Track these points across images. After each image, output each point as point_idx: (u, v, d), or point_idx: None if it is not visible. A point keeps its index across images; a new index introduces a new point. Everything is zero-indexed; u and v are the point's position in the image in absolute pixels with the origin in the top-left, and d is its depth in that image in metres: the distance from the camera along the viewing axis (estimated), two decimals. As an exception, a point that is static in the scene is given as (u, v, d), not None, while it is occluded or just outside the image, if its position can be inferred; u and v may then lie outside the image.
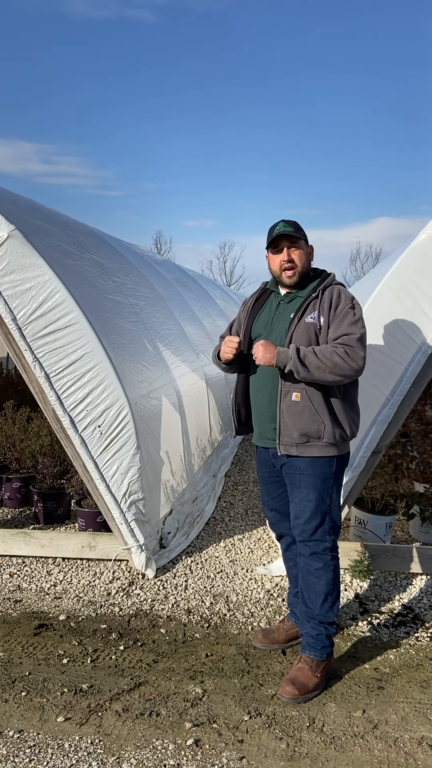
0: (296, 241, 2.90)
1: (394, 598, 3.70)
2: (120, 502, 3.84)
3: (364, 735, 2.60)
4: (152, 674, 3.00)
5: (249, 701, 2.80)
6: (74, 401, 3.79)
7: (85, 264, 4.52)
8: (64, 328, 3.76)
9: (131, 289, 5.27)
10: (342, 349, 2.72)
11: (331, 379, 2.74)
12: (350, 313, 2.82)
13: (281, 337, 2.88)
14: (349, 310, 2.83)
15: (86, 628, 3.42)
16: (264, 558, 4.23)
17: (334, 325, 2.81)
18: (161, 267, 7.74)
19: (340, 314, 2.82)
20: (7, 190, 4.76)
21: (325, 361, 2.69)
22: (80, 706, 2.76)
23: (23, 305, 3.73)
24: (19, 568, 4.08)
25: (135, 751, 2.49)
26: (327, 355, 2.70)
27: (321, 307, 2.84)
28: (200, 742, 2.54)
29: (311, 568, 2.93)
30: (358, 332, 2.78)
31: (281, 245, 2.91)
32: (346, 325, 2.79)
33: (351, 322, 2.80)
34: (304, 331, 2.82)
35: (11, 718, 2.69)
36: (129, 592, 3.77)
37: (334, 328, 2.80)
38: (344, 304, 2.84)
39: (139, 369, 4.34)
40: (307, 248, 2.97)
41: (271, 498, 3.19)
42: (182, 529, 4.50)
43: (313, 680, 2.84)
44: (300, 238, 2.90)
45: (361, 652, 3.19)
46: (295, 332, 2.82)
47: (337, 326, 2.80)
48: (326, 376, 2.71)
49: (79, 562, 4.13)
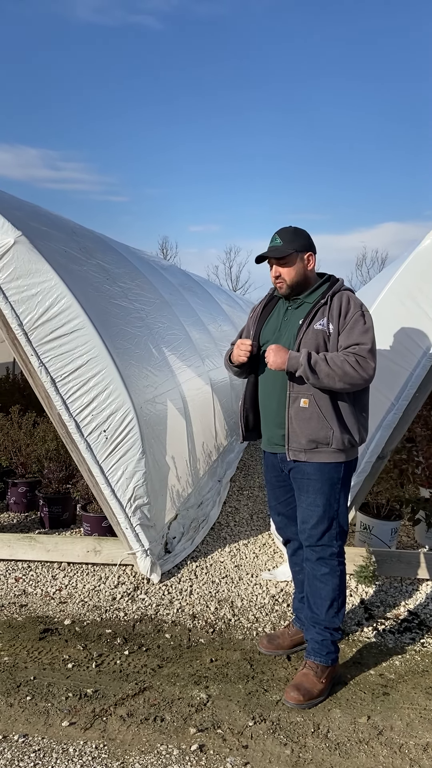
0: (283, 257, 2.89)
1: (400, 604, 3.68)
2: (125, 506, 3.85)
3: (369, 741, 2.59)
4: (157, 679, 3.00)
5: (253, 707, 2.79)
6: (80, 406, 3.81)
7: (90, 269, 4.54)
8: (69, 333, 3.77)
9: (137, 294, 5.28)
10: (353, 359, 2.72)
11: (340, 387, 2.74)
12: (360, 321, 2.82)
13: (289, 343, 2.88)
14: (360, 317, 2.82)
15: (91, 632, 3.43)
16: (269, 563, 4.22)
17: (344, 333, 2.81)
18: (167, 272, 7.76)
19: (350, 321, 2.81)
20: (13, 195, 4.79)
21: (336, 369, 2.70)
22: (85, 711, 2.76)
23: (29, 310, 3.75)
24: (25, 573, 4.09)
25: (139, 756, 2.49)
26: (338, 363, 2.70)
27: (330, 314, 2.84)
28: (204, 747, 2.54)
29: (317, 573, 2.92)
30: (369, 342, 2.78)
31: (270, 260, 2.93)
32: (357, 334, 2.79)
33: (362, 331, 2.80)
34: (313, 338, 2.82)
35: (16, 722, 2.70)
36: (134, 597, 3.77)
37: (344, 336, 2.80)
38: (354, 311, 2.83)
39: (144, 374, 4.36)
40: (303, 258, 2.92)
41: (278, 502, 3.18)
42: (187, 534, 4.51)
43: (318, 686, 2.83)
44: (285, 255, 2.87)
45: (367, 658, 3.18)
46: (303, 339, 2.82)
47: (347, 334, 2.80)
48: (335, 383, 2.72)
49: (84, 566, 4.14)
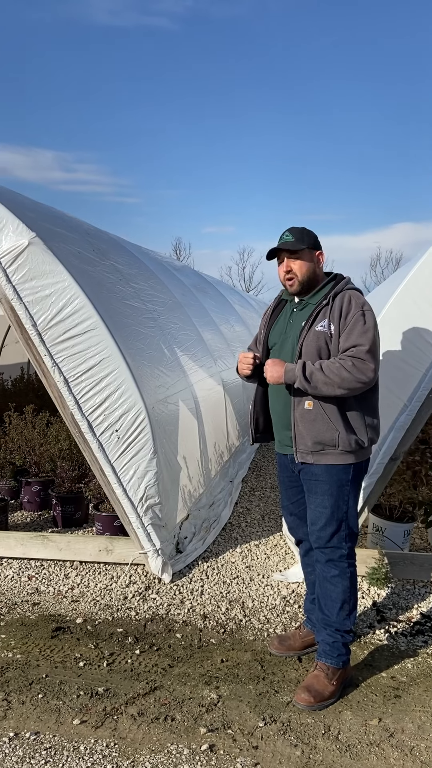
0: (294, 252, 2.89)
1: (413, 607, 3.67)
2: (137, 506, 3.86)
3: (380, 743, 2.58)
4: (168, 679, 3.01)
5: (264, 708, 2.79)
6: (92, 406, 3.83)
7: (104, 270, 4.56)
8: (82, 334, 3.79)
9: (149, 295, 5.30)
10: (350, 362, 2.70)
11: (340, 393, 2.73)
12: (360, 321, 2.78)
13: (294, 345, 2.88)
14: (360, 317, 2.79)
15: (103, 631, 3.44)
16: (280, 564, 4.22)
17: (344, 335, 2.78)
18: (179, 273, 7.78)
19: (350, 322, 2.79)
20: (29, 198, 4.83)
21: (333, 377, 2.68)
22: (96, 710, 2.78)
23: (43, 311, 3.77)
24: (38, 571, 4.12)
25: (149, 755, 2.50)
26: (334, 370, 2.69)
27: (332, 314, 2.82)
28: (215, 747, 2.54)
29: (328, 575, 2.92)
30: (367, 343, 2.74)
31: (281, 256, 2.92)
32: (356, 335, 2.76)
33: (361, 331, 2.76)
34: (314, 340, 2.81)
35: (28, 720, 2.71)
36: (145, 597, 3.78)
37: (344, 338, 2.78)
38: (355, 311, 2.80)
39: (156, 374, 4.37)
40: (314, 255, 2.93)
41: (290, 502, 3.18)
42: (199, 534, 4.51)
43: (329, 688, 2.82)
44: (299, 249, 2.88)
45: (378, 661, 3.17)
46: (305, 341, 2.82)
47: (347, 336, 2.78)
48: (335, 390, 2.71)
49: (96, 565, 4.16)
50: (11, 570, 4.14)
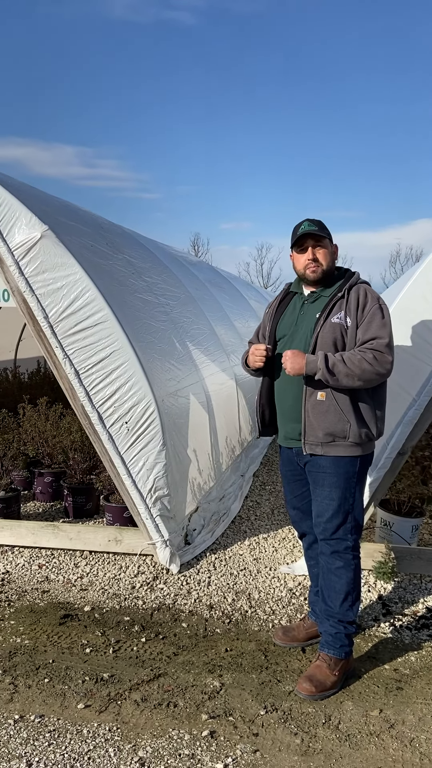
0: (321, 239, 2.91)
1: (418, 601, 3.67)
2: (145, 497, 3.91)
3: (380, 734, 2.59)
4: (172, 666, 3.05)
5: (266, 696, 2.82)
6: (102, 398, 3.87)
7: (116, 263, 4.60)
8: (93, 326, 3.84)
9: (162, 289, 5.34)
10: (371, 355, 2.72)
11: (358, 385, 2.75)
12: (378, 315, 2.82)
13: (306, 337, 2.89)
14: (377, 311, 2.83)
15: (110, 619, 3.49)
16: (288, 557, 4.24)
17: (362, 327, 2.81)
18: (194, 268, 7.81)
19: (368, 315, 2.82)
20: (43, 191, 4.89)
21: (354, 369, 2.70)
22: (100, 695, 2.83)
23: (55, 303, 3.82)
24: (48, 560, 4.18)
25: (151, 740, 2.54)
26: (356, 362, 2.71)
27: (348, 307, 2.84)
28: (215, 733, 2.58)
29: (332, 567, 2.93)
30: (387, 336, 2.79)
31: (306, 244, 2.93)
32: (375, 328, 2.79)
33: (380, 325, 2.80)
34: (330, 331, 2.83)
35: (33, 703, 2.77)
36: (153, 587, 3.82)
37: (363, 330, 2.80)
38: (372, 304, 2.84)
39: (167, 367, 4.41)
40: (332, 247, 2.97)
41: (294, 496, 3.20)
42: (207, 526, 4.55)
43: (331, 678, 2.84)
44: (324, 237, 2.91)
45: (382, 653, 3.18)
46: (321, 332, 2.83)
47: (366, 328, 2.80)
48: (354, 382, 2.73)
49: (105, 555, 4.21)
50: (22, 558, 4.21)
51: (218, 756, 2.46)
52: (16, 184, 4.15)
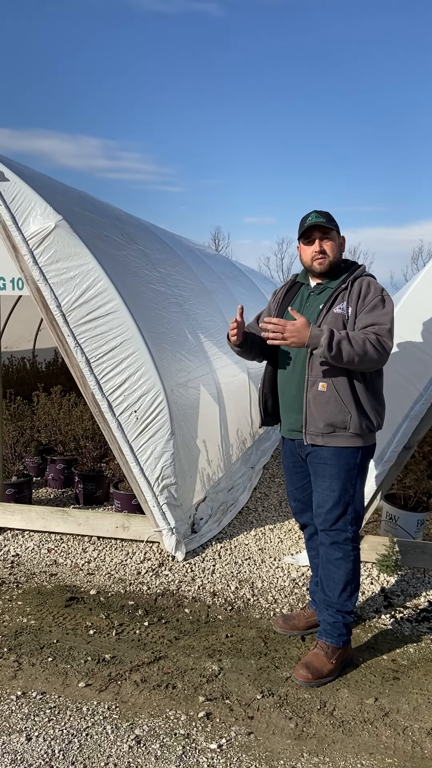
0: (328, 232, 2.93)
1: (421, 594, 3.69)
2: (153, 485, 3.97)
3: (374, 721, 2.63)
4: (173, 650, 3.11)
5: (263, 681, 2.87)
6: (112, 386, 3.94)
7: (131, 254, 4.66)
8: (105, 316, 3.90)
9: (176, 281, 5.38)
10: (374, 337, 2.73)
11: (353, 367, 2.76)
12: (380, 305, 2.84)
13: None
14: (379, 302, 2.84)
15: (114, 603, 3.56)
16: (293, 548, 4.27)
17: (363, 313, 2.82)
18: (210, 260, 7.84)
19: (369, 304, 2.83)
20: (60, 182, 4.95)
21: (358, 349, 2.70)
22: (101, 675, 2.89)
23: (68, 292, 3.89)
24: (57, 545, 4.26)
25: (148, 719, 2.60)
26: (360, 342, 2.71)
27: (350, 297, 2.87)
28: (211, 715, 2.63)
29: (331, 558, 2.96)
30: (389, 323, 2.80)
31: (313, 236, 2.95)
32: (377, 315, 2.81)
33: (381, 313, 2.82)
34: (332, 322, 2.85)
35: (36, 680, 2.85)
36: (158, 573, 3.89)
37: (364, 316, 2.81)
38: (374, 294, 2.86)
39: (177, 358, 4.45)
40: (339, 239, 2.99)
41: (295, 488, 3.23)
42: (215, 516, 4.60)
43: (328, 666, 2.88)
44: (332, 229, 2.93)
45: (381, 644, 3.21)
46: (323, 323, 2.86)
47: (367, 314, 2.81)
48: (353, 363, 2.72)
49: (113, 541, 4.28)
50: (32, 542, 4.30)
51: (213, 737, 2.51)
52: (32, 175, 4.21)
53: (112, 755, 2.41)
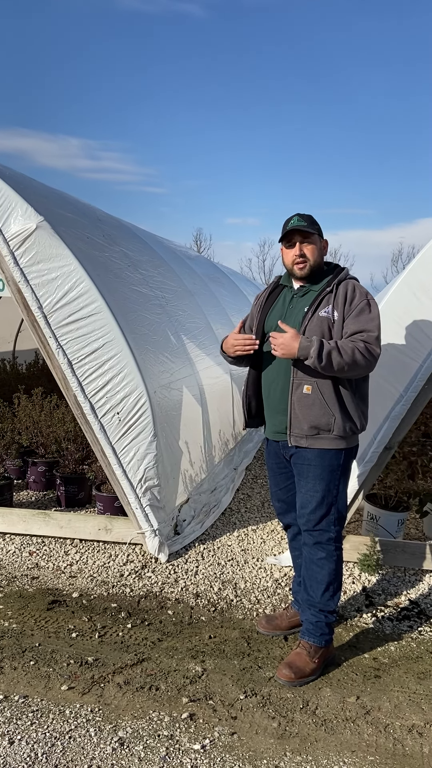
0: (309, 236, 2.95)
1: (401, 593, 3.72)
2: (135, 487, 3.96)
3: (356, 720, 2.65)
4: (156, 652, 3.11)
5: (246, 681, 2.88)
6: (95, 388, 3.92)
7: (112, 256, 4.65)
8: (87, 317, 3.89)
9: (158, 282, 5.38)
10: (363, 345, 2.76)
11: (342, 375, 2.79)
12: (366, 309, 2.86)
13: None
14: (365, 306, 2.86)
15: (97, 606, 3.55)
16: (275, 549, 4.29)
17: (350, 319, 2.85)
18: (192, 262, 7.85)
19: (356, 309, 2.86)
20: (41, 183, 4.93)
21: (346, 358, 2.72)
22: (84, 677, 2.89)
23: (49, 294, 3.87)
24: (39, 547, 4.24)
25: (131, 721, 2.60)
26: (348, 351, 2.73)
27: (335, 301, 2.89)
28: (195, 716, 2.64)
29: (314, 558, 2.98)
30: (376, 330, 2.83)
31: (294, 239, 2.97)
32: (364, 321, 2.83)
33: (368, 318, 2.84)
34: (318, 325, 2.87)
35: (18, 684, 2.83)
36: (141, 575, 3.88)
37: (351, 322, 2.84)
38: (359, 299, 2.88)
39: (160, 360, 4.45)
40: (321, 243, 3.01)
41: (278, 489, 3.25)
42: (198, 517, 4.60)
43: (310, 665, 2.90)
44: (313, 233, 2.95)
45: (362, 643, 3.24)
46: (308, 326, 2.87)
47: (354, 320, 2.84)
48: (342, 372, 2.76)
49: (95, 544, 4.27)
50: (13, 545, 4.27)
51: (196, 737, 2.52)
52: (13, 175, 4.19)
53: (95, 758, 2.40)
